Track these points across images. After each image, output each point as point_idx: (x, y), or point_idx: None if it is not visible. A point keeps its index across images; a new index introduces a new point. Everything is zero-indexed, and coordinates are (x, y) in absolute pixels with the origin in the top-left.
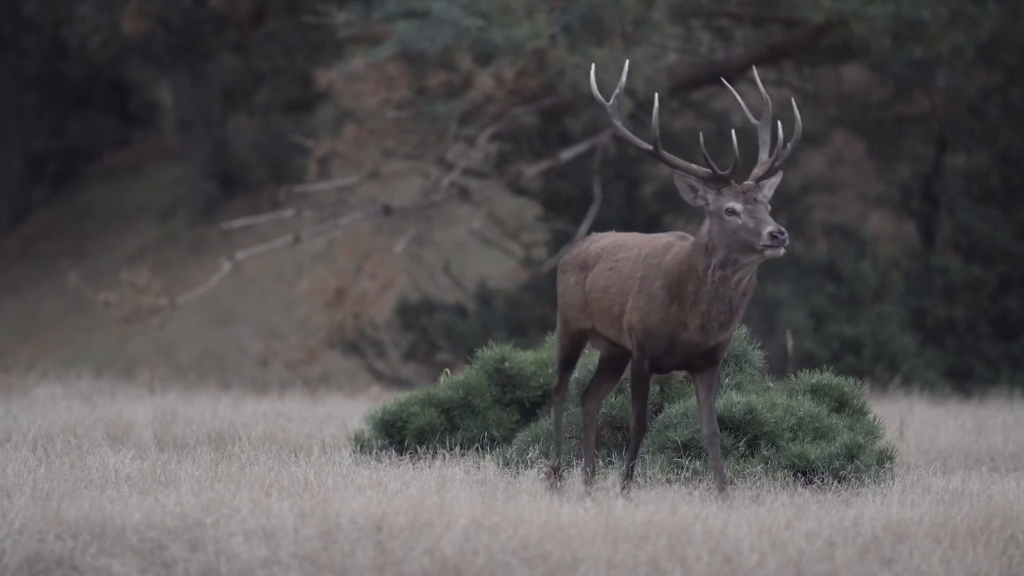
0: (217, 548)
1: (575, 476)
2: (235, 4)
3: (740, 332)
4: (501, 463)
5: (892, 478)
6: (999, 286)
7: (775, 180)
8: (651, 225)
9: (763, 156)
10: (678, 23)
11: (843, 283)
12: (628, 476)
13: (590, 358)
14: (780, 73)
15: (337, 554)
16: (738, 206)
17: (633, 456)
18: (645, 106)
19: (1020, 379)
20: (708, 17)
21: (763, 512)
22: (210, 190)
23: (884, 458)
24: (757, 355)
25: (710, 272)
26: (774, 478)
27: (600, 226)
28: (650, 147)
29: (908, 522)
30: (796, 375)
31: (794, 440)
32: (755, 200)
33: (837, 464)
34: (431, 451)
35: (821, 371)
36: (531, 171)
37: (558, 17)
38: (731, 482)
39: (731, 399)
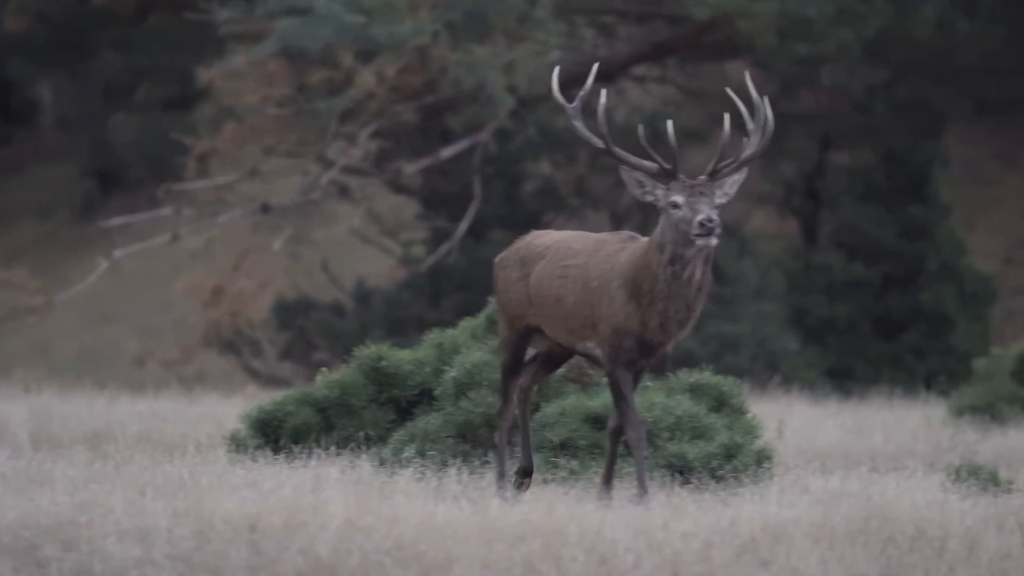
0: (91, 548)
1: (450, 477)
2: (117, 1)
3: None
4: (377, 463)
5: (770, 478)
6: (881, 285)
7: (738, 177)
8: (530, 223)
9: (750, 146)
10: (562, 20)
11: (724, 281)
12: (642, 488)
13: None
14: (664, 70)
15: (211, 554)
16: (680, 199)
17: (640, 466)
18: (526, 102)
19: (901, 378)
20: (592, 14)
21: (640, 512)
22: (89, 188)
23: (762, 458)
24: None
25: (662, 269)
26: (651, 478)
27: (479, 224)
28: (602, 145)
29: (786, 523)
30: (675, 374)
31: (672, 440)
32: (700, 194)
33: (715, 464)
34: (307, 451)
35: (700, 370)
36: (411, 169)
37: (441, 14)
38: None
39: (608, 398)
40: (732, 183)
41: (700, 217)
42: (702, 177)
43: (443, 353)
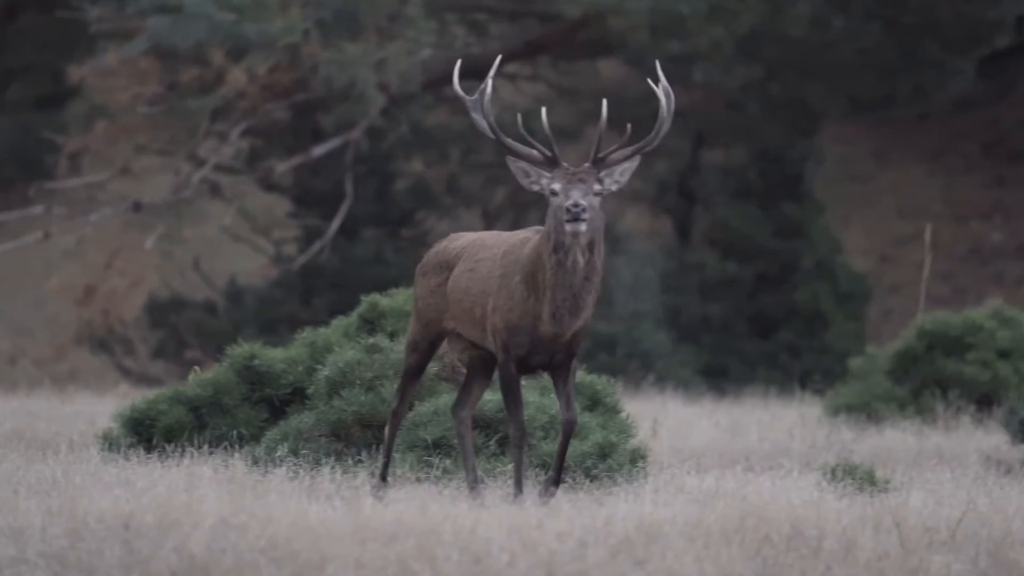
0: None
1: (324, 476)
2: None
3: None
4: (250, 461)
5: (645, 477)
6: (756, 283)
7: (630, 165)
8: (402, 221)
9: (658, 127)
10: (433, 18)
11: None
12: (518, 487)
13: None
14: (536, 68)
15: (84, 553)
16: (558, 186)
17: (519, 466)
18: (398, 100)
19: (776, 377)
20: (464, 12)
21: (514, 511)
22: None
23: (637, 457)
24: None
25: (548, 258)
26: (525, 477)
27: (351, 222)
28: (492, 135)
29: (661, 522)
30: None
31: (546, 439)
32: (579, 180)
33: (589, 463)
34: (180, 449)
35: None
36: (282, 167)
37: (312, 12)
38: (481, 481)
39: (483, 397)
40: (623, 170)
41: (568, 203)
42: (586, 164)
43: (316, 352)
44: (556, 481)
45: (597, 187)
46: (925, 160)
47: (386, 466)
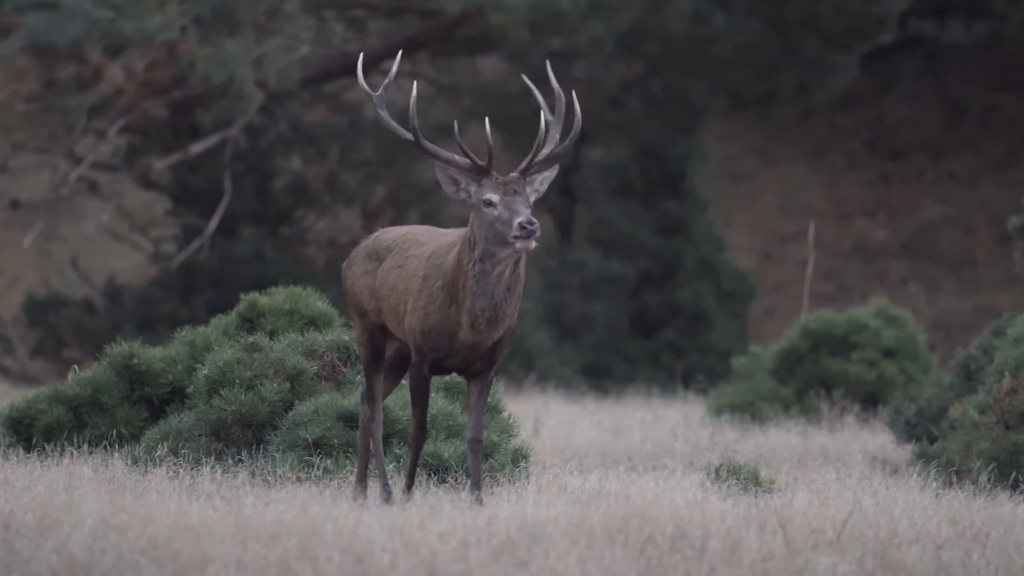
0: None
1: (204, 476)
2: None
3: None
4: (129, 461)
5: (527, 477)
6: (638, 282)
7: (549, 174)
8: (281, 219)
9: (545, 151)
10: (311, 14)
11: None
12: (409, 487)
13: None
14: (415, 65)
15: None
16: (495, 197)
17: (414, 465)
18: (277, 97)
19: (659, 377)
20: (342, 8)
21: (395, 512)
22: None
23: (519, 457)
24: None
25: (471, 266)
26: (415, 476)
27: (230, 220)
28: (411, 137)
29: (544, 522)
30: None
31: (427, 438)
32: (515, 192)
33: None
34: (59, 449)
35: None
36: (161, 165)
37: (189, 8)
38: (364, 480)
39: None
40: (543, 180)
41: (520, 219)
42: (514, 174)
43: (195, 351)
44: (478, 486)
45: (532, 197)
46: (808, 157)
47: (380, 474)
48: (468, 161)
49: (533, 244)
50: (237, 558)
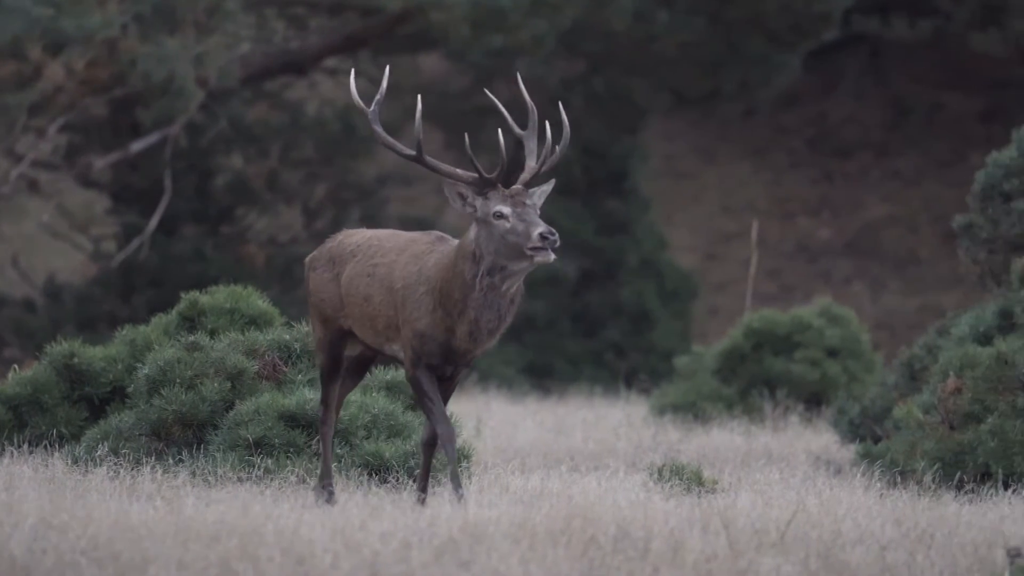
0: None
1: (144, 476)
2: None
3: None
4: (70, 461)
5: (469, 477)
6: (580, 280)
7: (546, 187)
8: (222, 218)
9: (530, 163)
10: (252, 12)
11: None
12: (457, 487)
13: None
14: (356, 63)
15: None
16: (506, 210)
17: (453, 462)
18: (217, 95)
19: (601, 376)
20: (283, 6)
21: (337, 512)
22: None
23: (461, 457)
24: None
25: (478, 280)
26: (348, 477)
27: (170, 219)
28: (413, 153)
29: (485, 523)
30: (370, 372)
31: (368, 438)
32: (524, 204)
33: (413, 463)
34: None
35: (396, 368)
36: (101, 163)
37: (130, 6)
38: (303, 481)
39: (304, 396)
40: (541, 193)
41: (540, 230)
42: (517, 186)
43: (135, 350)
44: (425, 488)
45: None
46: (750, 156)
47: (324, 475)
48: (473, 175)
49: (552, 256)
50: (178, 558)
